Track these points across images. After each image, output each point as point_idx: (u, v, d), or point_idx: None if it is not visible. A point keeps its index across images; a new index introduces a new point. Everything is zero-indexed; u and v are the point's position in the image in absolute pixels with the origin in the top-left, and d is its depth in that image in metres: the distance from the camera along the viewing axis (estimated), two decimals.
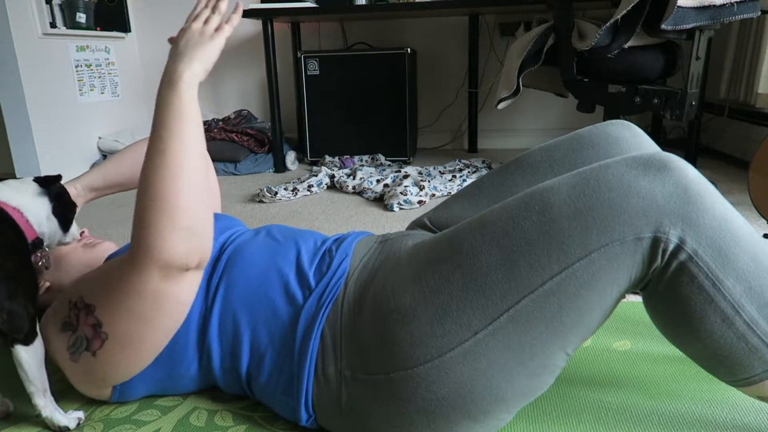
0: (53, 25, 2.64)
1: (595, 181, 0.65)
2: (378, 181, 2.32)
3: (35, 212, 0.86)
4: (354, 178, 2.40)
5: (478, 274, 0.66)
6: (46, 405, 0.80)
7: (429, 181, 2.24)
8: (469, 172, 2.48)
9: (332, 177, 2.46)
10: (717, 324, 0.63)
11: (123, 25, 3.20)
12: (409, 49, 2.69)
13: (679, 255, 0.62)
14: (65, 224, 0.92)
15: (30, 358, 0.77)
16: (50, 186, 0.89)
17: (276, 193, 2.25)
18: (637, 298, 1.22)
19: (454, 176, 2.40)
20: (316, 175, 2.44)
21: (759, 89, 2.41)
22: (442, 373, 0.66)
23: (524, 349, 0.65)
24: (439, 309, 0.67)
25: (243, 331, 0.79)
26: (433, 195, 2.18)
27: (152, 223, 0.71)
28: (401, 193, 2.09)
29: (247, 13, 2.55)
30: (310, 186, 2.34)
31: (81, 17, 2.76)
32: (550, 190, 0.67)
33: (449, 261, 0.69)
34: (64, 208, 0.91)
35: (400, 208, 2.06)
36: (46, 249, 0.93)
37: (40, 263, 0.92)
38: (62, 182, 0.96)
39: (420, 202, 2.09)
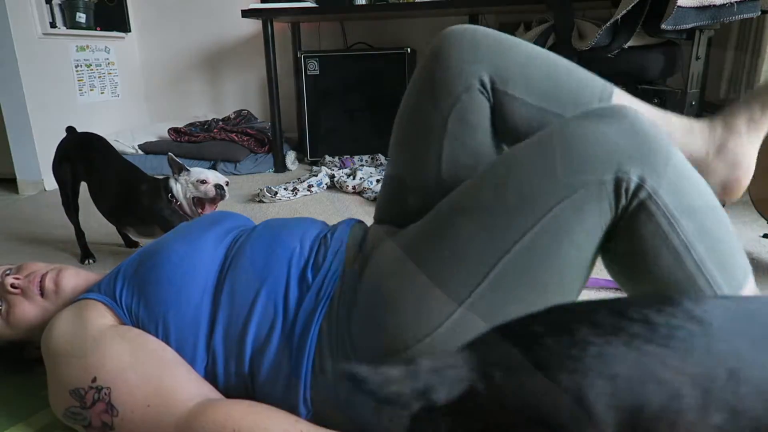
0: (53, 25, 2.64)
1: (559, 135, 0.67)
2: (378, 181, 2.32)
3: None
4: (354, 178, 2.40)
5: (455, 245, 0.68)
6: None
7: None
8: None
9: (332, 177, 2.46)
10: (669, 263, 0.64)
11: (123, 25, 3.20)
12: (409, 49, 2.69)
13: (639, 193, 0.63)
14: None
15: None
16: None
17: (276, 193, 2.25)
18: None
19: None
20: (316, 175, 2.44)
21: None
22: (433, 352, 0.67)
23: (509, 316, 0.66)
24: (424, 287, 0.69)
25: (246, 330, 0.79)
26: None
27: None
28: None
29: (247, 13, 2.55)
30: (310, 186, 2.34)
31: (81, 17, 2.76)
32: (514, 150, 0.70)
33: (428, 239, 0.71)
34: None
35: None
36: None
37: None
38: None
39: None
